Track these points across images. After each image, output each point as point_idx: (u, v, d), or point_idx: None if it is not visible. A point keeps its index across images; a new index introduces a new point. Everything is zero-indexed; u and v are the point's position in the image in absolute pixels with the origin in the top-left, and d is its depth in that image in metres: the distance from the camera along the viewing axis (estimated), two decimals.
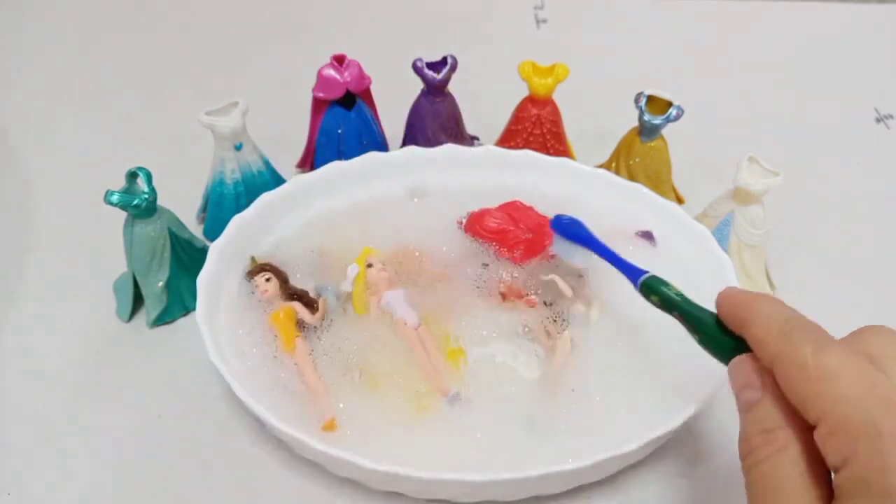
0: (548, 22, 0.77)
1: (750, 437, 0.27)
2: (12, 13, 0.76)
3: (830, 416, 0.24)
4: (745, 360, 0.28)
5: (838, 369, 0.25)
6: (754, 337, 0.28)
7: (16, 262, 0.50)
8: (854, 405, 0.24)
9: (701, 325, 0.32)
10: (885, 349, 0.26)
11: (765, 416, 0.26)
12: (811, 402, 0.25)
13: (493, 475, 0.33)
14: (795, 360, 0.26)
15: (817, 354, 0.25)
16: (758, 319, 0.28)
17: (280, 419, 0.35)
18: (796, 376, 0.25)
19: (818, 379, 0.25)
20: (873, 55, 0.74)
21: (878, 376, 0.25)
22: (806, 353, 0.25)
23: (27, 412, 0.42)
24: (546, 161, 0.50)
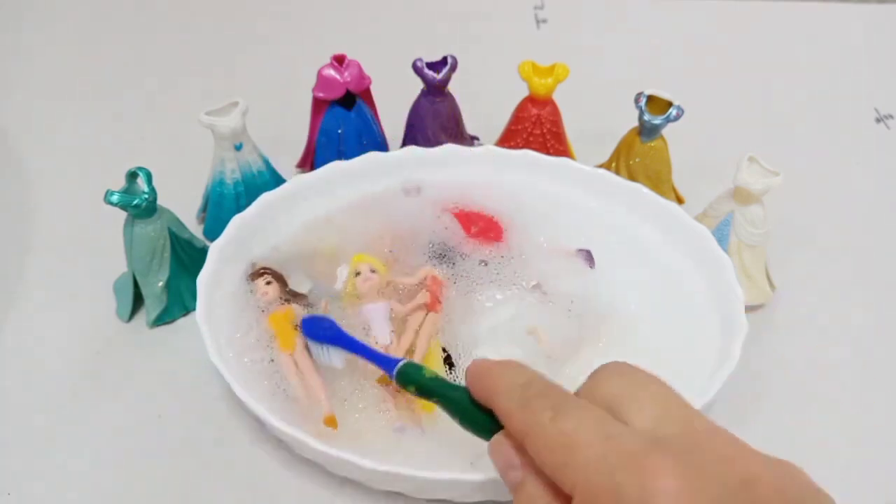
0: (548, 22, 0.77)
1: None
2: (12, 13, 0.76)
3: (579, 486, 0.24)
4: (501, 440, 0.28)
5: (576, 434, 0.24)
6: (500, 411, 0.28)
7: (16, 262, 0.50)
8: (595, 470, 0.23)
9: (457, 406, 0.31)
10: (622, 389, 0.26)
11: (531, 495, 0.26)
12: (561, 473, 0.24)
13: (493, 475, 0.33)
14: (537, 432, 0.25)
15: (555, 421, 0.25)
16: (499, 393, 0.28)
17: (280, 419, 0.35)
18: (542, 449, 0.25)
19: (561, 448, 0.24)
20: (873, 55, 0.74)
21: (613, 428, 0.24)
22: (545, 421, 0.25)
23: (27, 412, 0.42)
24: (546, 161, 0.50)
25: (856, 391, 0.44)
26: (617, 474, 0.23)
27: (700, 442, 0.24)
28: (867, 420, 0.43)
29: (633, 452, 0.23)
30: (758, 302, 0.47)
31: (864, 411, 0.43)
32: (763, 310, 0.48)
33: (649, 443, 0.24)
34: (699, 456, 0.23)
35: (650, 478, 0.22)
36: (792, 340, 0.46)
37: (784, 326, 0.47)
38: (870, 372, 0.45)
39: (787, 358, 0.45)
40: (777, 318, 0.48)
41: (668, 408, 0.26)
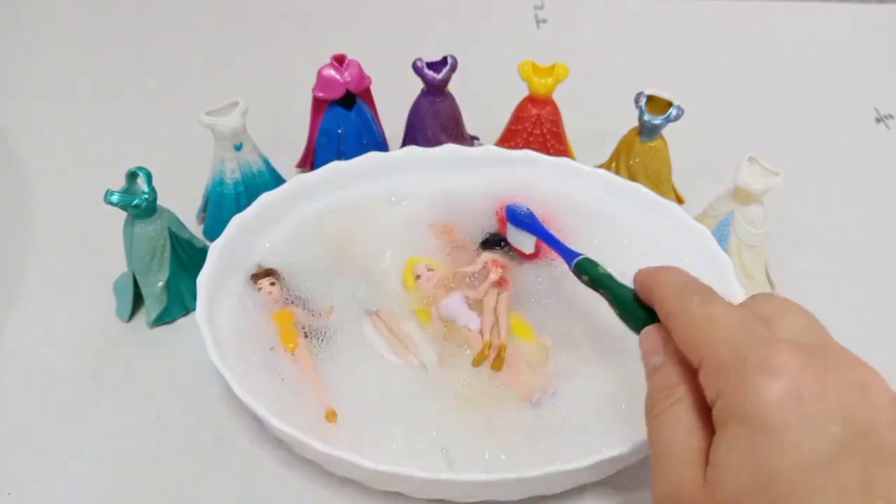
0: (548, 22, 0.77)
1: (653, 393, 0.29)
2: (12, 13, 0.76)
3: (708, 357, 0.26)
4: (652, 329, 0.30)
5: (719, 317, 0.27)
6: (657, 299, 0.30)
7: (16, 262, 0.50)
8: (728, 344, 0.26)
9: (621, 299, 0.34)
10: (772, 308, 0.28)
11: (666, 375, 0.28)
12: (694, 347, 0.27)
13: (493, 475, 0.33)
14: (684, 312, 0.28)
15: (702, 306, 0.28)
16: (661, 284, 0.31)
17: (280, 419, 0.35)
18: (684, 326, 0.28)
19: (701, 326, 0.27)
20: (873, 55, 0.74)
21: (753, 321, 0.27)
22: (693, 304, 0.28)
23: (27, 412, 0.42)
24: (546, 161, 0.50)
25: None
26: (745, 347, 0.25)
27: (830, 351, 0.26)
28: None
29: (765, 336, 0.26)
30: None
31: None
32: None
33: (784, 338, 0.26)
34: (827, 356, 0.25)
35: (775, 354, 0.24)
36: None
37: None
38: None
39: None
40: None
41: (811, 327, 0.28)
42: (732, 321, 0.27)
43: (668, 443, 0.27)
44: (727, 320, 0.27)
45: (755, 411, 0.23)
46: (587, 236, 0.47)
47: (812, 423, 0.23)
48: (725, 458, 0.24)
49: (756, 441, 0.23)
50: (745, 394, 0.24)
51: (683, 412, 0.27)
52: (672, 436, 0.27)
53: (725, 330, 0.26)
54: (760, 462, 0.23)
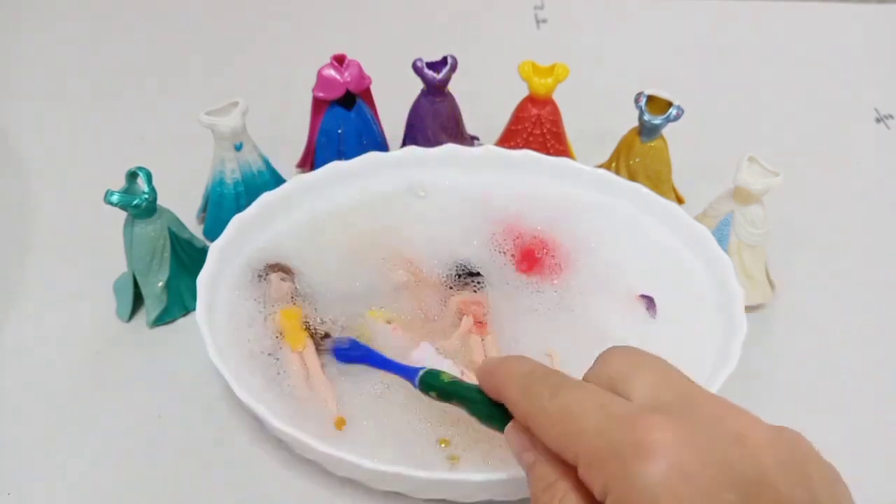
0: (548, 22, 0.77)
1: (535, 492, 0.27)
2: (12, 13, 0.76)
3: (580, 453, 0.25)
4: (514, 426, 0.29)
5: (575, 406, 0.26)
6: (508, 400, 0.29)
7: (16, 262, 0.50)
8: (593, 434, 0.25)
9: (475, 404, 0.32)
10: (622, 367, 0.27)
11: (542, 473, 0.27)
12: (563, 444, 0.26)
13: (493, 475, 0.33)
14: (538, 411, 0.27)
15: (553, 399, 0.27)
16: (506, 382, 0.29)
17: (280, 419, 0.35)
18: (544, 426, 0.27)
19: (560, 421, 0.26)
20: (873, 55, 0.74)
21: (606, 397, 0.26)
22: (545, 400, 0.27)
23: (27, 412, 0.42)
24: (546, 161, 0.50)
25: (856, 391, 0.44)
26: (613, 434, 0.24)
27: (695, 404, 0.25)
28: (868, 420, 0.43)
29: (628, 415, 0.25)
30: (758, 302, 0.47)
31: (865, 411, 0.43)
32: (763, 310, 0.48)
33: (644, 407, 0.25)
34: (694, 414, 0.24)
35: (644, 432, 0.23)
36: (792, 340, 0.46)
37: (784, 326, 0.47)
38: (870, 372, 0.45)
39: (787, 358, 0.45)
40: (777, 318, 0.48)
41: (666, 380, 0.27)
42: (589, 408, 0.25)
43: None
44: (583, 409, 0.26)
45: (646, 500, 0.22)
46: (587, 237, 0.47)
47: (706, 498, 0.22)
48: None
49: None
50: (631, 485, 0.23)
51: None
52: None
53: (586, 420, 0.25)
54: None
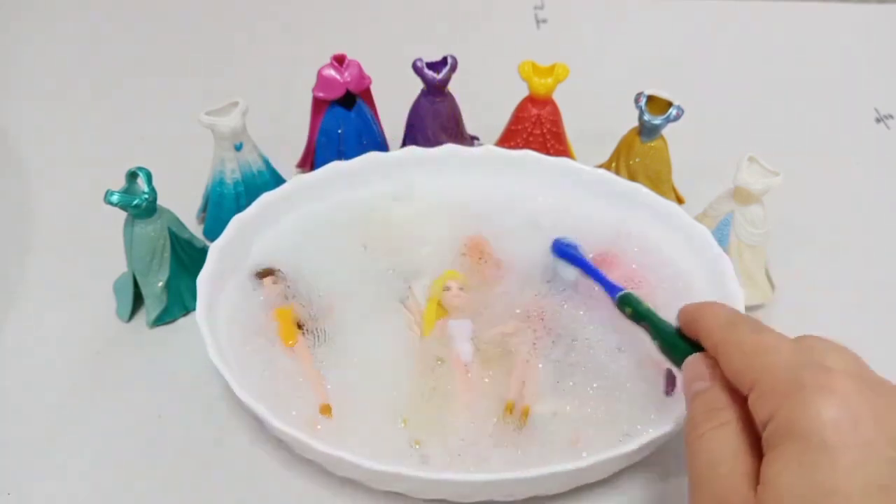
0: (548, 22, 0.77)
1: (695, 416, 0.29)
2: (12, 13, 0.76)
3: (761, 381, 0.26)
4: (696, 357, 0.31)
5: (773, 344, 0.28)
6: (704, 330, 0.31)
7: (16, 262, 0.50)
8: (782, 369, 0.26)
9: (663, 332, 0.35)
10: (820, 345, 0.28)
11: (712, 398, 0.28)
12: (746, 373, 0.27)
13: (493, 475, 0.33)
14: (735, 341, 0.29)
15: (754, 334, 0.28)
16: (707, 316, 0.31)
17: (280, 419, 0.35)
18: (736, 353, 0.28)
19: (753, 353, 0.28)
20: (873, 55, 0.74)
21: (807, 350, 0.27)
22: (744, 333, 0.29)
23: (27, 412, 0.42)
24: (546, 161, 0.50)
25: None
26: (803, 372, 0.25)
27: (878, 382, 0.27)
28: None
29: (822, 365, 0.26)
30: (758, 302, 0.47)
31: None
32: (763, 310, 0.48)
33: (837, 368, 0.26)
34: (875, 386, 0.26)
35: (832, 380, 0.25)
36: None
37: (784, 326, 0.47)
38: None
39: None
40: (777, 318, 0.48)
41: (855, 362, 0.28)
42: (787, 348, 0.27)
43: (713, 464, 0.26)
44: (782, 347, 0.27)
45: (812, 430, 0.24)
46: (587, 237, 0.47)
47: (870, 448, 0.23)
48: (778, 476, 0.24)
49: (813, 459, 0.23)
50: (803, 413, 0.24)
51: (730, 434, 0.27)
52: (718, 457, 0.26)
53: (781, 356, 0.27)
54: (818, 480, 0.23)
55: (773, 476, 0.24)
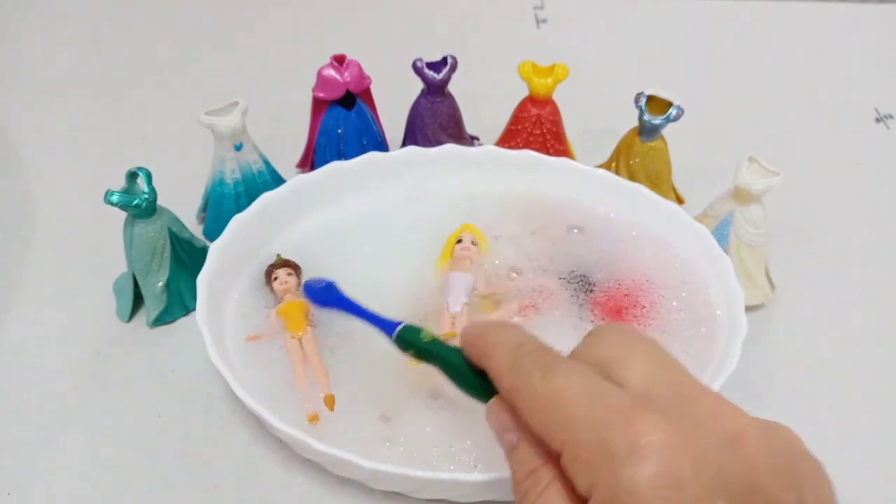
0: (548, 22, 0.77)
1: (519, 479, 0.26)
2: (12, 13, 0.76)
3: (567, 442, 0.24)
4: (497, 403, 0.28)
5: (566, 391, 0.24)
6: (492, 371, 0.28)
7: (16, 261, 0.50)
8: (583, 426, 0.23)
9: (454, 368, 0.30)
10: (616, 350, 0.26)
11: (525, 457, 0.26)
12: (549, 431, 0.24)
13: (493, 475, 0.33)
14: (527, 391, 0.25)
15: (545, 380, 0.25)
16: (492, 352, 0.28)
17: (280, 419, 0.35)
18: (531, 407, 0.25)
19: (549, 406, 0.24)
20: (873, 55, 0.74)
21: (602, 386, 0.24)
22: (535, 380, 0.25)
23: (27, 412, 0.42)
24: (546, 161, 0.50)
25: (856, 391, 0.44)
26: (604, 430, 0.23)
27: (689, 400, 0.24)
28: (867, 420, 0.43)
29: (621, 409, 0.23)
30: (758, 302, 0.47)
31: (865, 411, 0.43)
32: (763, 310, 0.48)
33: (637, 401, 0.24)
34: (688, 412, 0.23)
35: (637, 433, 0.22)
36: (792, 340, 0.46)
37: (784, 326, 0.47)
38: (870, 372, 0.45)
39: (787, 358, 0.45)
40: (777, 318, 0.48)
41: (661, 369, 0.26)
42: (581, 395, 0.24)
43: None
44: (575, 395, 0.24)
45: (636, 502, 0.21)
46: (587, 237, 0.47)
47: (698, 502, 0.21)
48: None
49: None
50: (620, 488, 0.22)
51: (555, 496, 0.24)
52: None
53: (576, 408, 0.24)
54: None
55: None
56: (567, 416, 0.24)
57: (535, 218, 0.48)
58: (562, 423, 0.24)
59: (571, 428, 0.24)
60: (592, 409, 0.24)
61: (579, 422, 0.23)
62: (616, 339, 0.27)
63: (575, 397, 0.24)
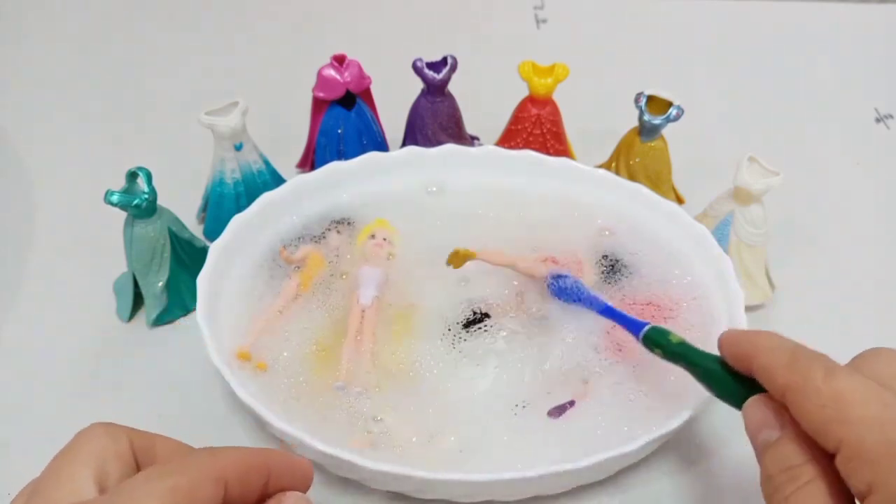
0: (548, 22, 0.77)
1: (774, 475, 0.26)
2: (12, 13, 0.76)
3: (848, 441, 0.24)
4: (759, 400, 0.28)
5: (851, 393, 0.25)
6: (762, 368, 0.28)
7: (16, 261, 0.50)
8: (871, 427, 0.24)
9: (707, 371, 0.31)
10: (888, 368, 0.26)
11: (786, 452, 0.26)
12: (828, 428, 0.25)
13: (493, 475, 0.33)
14: (807, 388, 0.26)
15: (828, 380, 0.25)
16: (763, 352, 0.28)
17: (280, 419, 0.35)
18: (810, 404, 0.25)
19: (832, 404, 0.25)
20: (873, 55, 0.74)
21: (889, 396, 0.25)
22: (817, 379, 0.25)
23: (27, 412, 0.42)
24: (546, 161, 0.50)
25: None
26: (894, 433, 0.23)
27: None
28: None
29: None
30: (758, 302, 0.47)
31: None
32: (763, 310, 0.48)
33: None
34: None
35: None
36: None
37: (784, 326, 0.47)
38: None
39: None
40: (777, 318, 0.48)
41: None
42: (869, 399, 0.24)
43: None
44: (863, 399, 0.24)
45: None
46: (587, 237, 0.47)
47: None
48: None
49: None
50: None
51: (818, 494, 0.25)
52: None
53: (863, 410, 0.24)
54: None
55: None
56: (853, 415, 0.24)
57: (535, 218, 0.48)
58: (846, 421, 0.24)
59: (856, 426, 0.24)
60: (880, 410, 0.24)
61: (868, 423, 0.24)
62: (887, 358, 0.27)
63: (862, 399, 0.24)
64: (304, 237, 0.46)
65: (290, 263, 0.45)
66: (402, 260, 0.46)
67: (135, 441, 0.28)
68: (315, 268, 0.45)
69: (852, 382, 0.25)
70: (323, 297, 0.43)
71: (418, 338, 0.42)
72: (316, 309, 0.43)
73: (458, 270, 0.43)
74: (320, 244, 0.46)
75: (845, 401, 0.25)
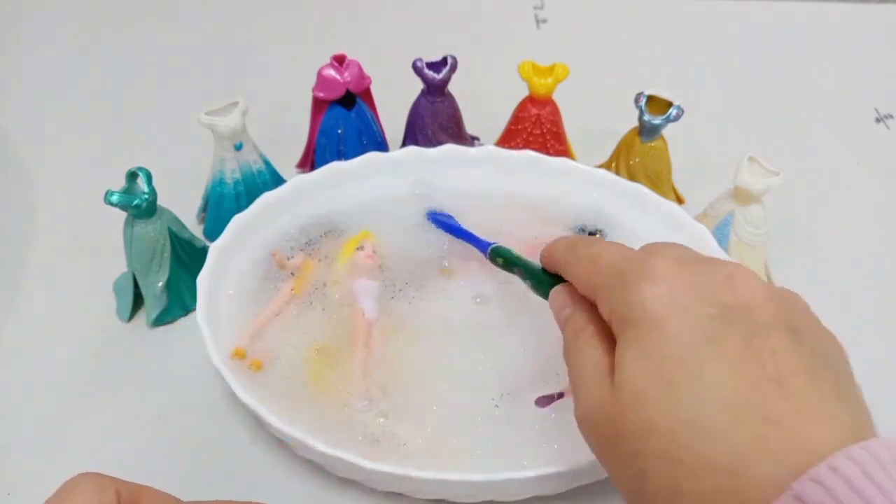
0: (548, 22, 0.77)
1: (567, 339, 0.31)
2: (12, 13, 0.76)
3: (599, 285, 0.29)
4: (558, 288, 0.34)
5: (601, 251, 0.31)
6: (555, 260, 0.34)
7: (16, 261, 0.50)
8: (609, 268, 0.29)
9: (531, 272, 0.38)
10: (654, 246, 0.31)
11: (575, 320, 0.31)
12: (589, 283, 0.30)
13: (493, 475, 0.33)
14: (576, 257, 0.32)
15: (588, 247, 0.32)
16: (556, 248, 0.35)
17: (280, 419, 0.35)
18: (578, 269, 0.32)
19: (590, 263, 0.31)
20: (873, 55, 0.74)
21: (628, 249, 0.30)
22: (582, 249, 0.32)
23: (27, 412, 0.42)
24: (546, 161, 0.50)
25: None
26: (626, 266, 0.28)
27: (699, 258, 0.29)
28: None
29: (640, 257, 0.29)
30: None
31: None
32: None
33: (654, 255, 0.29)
34: (694, 262, 0.28)
35: (650, 266, 0.27)
36: None
37: None
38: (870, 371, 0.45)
39: None
40: None
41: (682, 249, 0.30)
42: (612, 251, 0.30)
43: (581, 371, 0.29)
44: (609, 252, 0.30)
45: (640, 312, 0.26)
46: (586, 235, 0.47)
47: (689, 310, 0.26)
48: (623, 357, 0.26)
49: (646, 337, 0.26)
50: (631, 301, 0.27)
51: (592, 342, 0.29)
52: (583, 364, 0.29)
53: (608, 259, 0.30)
54: (652, 352, 0.25)
55: (619, 359, 0.27)
56: (600, 266, 0.30)
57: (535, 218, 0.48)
58: (596, 272, 0.30)
59: (602, 272, 0.29)
60: (619, 257, 0.29)
61: (608, 266, 0.29)
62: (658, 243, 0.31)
63: (607, 253, 0.30)
64: (299, 241, 0.46)
65: (284, 269, 0.44)
66: (399, 262, 0.46)
67: (122, 493, 0.28)
68: (309, 273, 0.44)
69: (604, 245, 0.32)
70: (318, 301, 0.43)
71: (421, 340, 0.42)
72: (313, 312, 0.43)
73: (463, 279, 0.44)
74: (314, 251, 0.46)
75: (597, 257, 0.31)
